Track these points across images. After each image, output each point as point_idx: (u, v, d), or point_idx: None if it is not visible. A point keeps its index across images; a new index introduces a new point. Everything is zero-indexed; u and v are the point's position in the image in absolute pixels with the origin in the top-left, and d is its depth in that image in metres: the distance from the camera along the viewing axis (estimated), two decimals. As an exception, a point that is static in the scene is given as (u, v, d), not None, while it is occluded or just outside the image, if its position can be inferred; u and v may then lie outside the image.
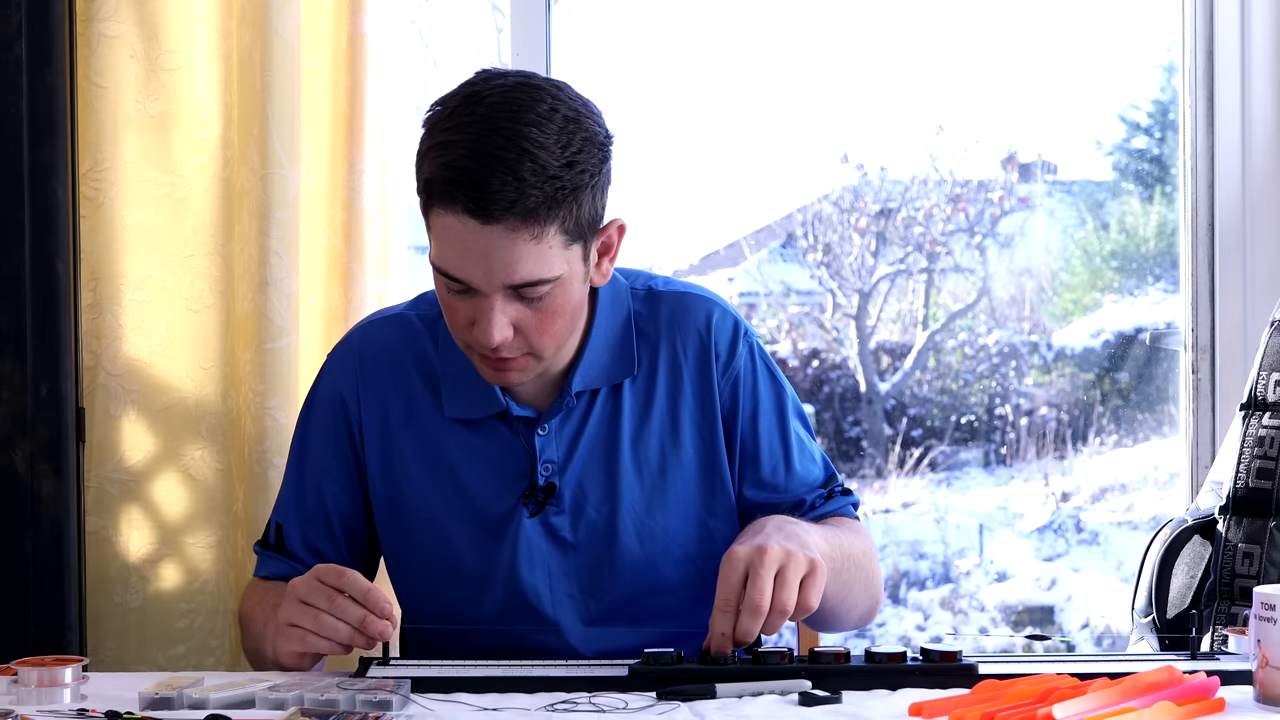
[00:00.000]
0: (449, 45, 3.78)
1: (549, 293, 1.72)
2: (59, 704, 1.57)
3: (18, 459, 2.32)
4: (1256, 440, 2.17)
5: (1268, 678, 1.54)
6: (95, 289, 2.37)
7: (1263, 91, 2.73)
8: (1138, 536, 4.21)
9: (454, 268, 1.70)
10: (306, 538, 1.94)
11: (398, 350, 1.92)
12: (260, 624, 1.82)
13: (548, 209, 1.66)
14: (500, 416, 1.87)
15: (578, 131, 1.69)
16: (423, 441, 1.89)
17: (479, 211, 1.65)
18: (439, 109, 1.72)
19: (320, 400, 1.96)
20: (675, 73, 4.25)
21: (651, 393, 1.89)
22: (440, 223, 1.69)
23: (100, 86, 2.35)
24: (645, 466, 1.89)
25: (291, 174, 2.36)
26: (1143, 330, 4.15)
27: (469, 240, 1.67)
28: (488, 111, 1.66)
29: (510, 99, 1.67)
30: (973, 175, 4.54)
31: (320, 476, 1.94)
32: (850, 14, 4.35)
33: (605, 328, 1.87)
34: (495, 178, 1.64)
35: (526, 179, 1.64)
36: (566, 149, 1.67)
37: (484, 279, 1.69)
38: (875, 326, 4.68)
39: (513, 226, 1.66)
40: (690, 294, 1.94)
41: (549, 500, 1.87)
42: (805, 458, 1.95)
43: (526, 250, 1.67)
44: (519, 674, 1.64)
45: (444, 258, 1.71)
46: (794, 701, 1.58)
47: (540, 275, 1.70)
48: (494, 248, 1.67)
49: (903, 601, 4.46)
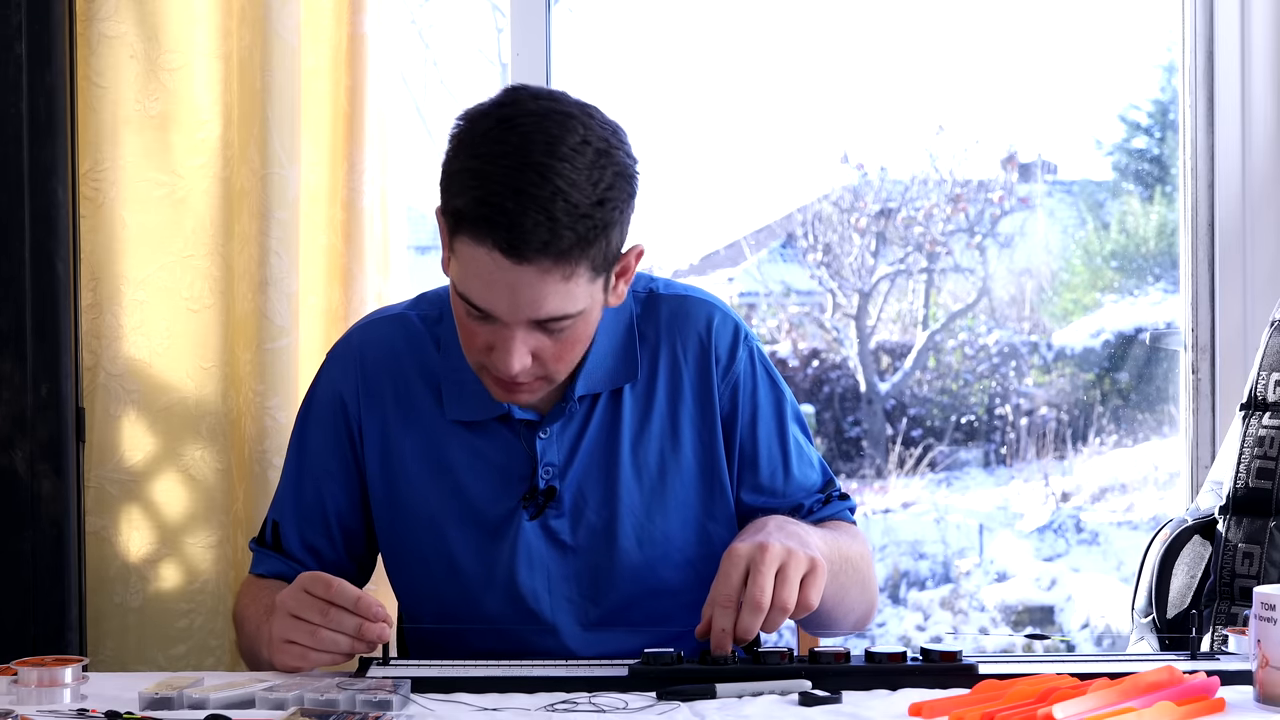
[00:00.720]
0: (449, 45, 3.78)
1: (570, 325, 1.72)
2: (59, 704, 1.57)
3: (18, 459, 2.32)
4: (1256, 440, 2.17)
5: (1268, 678, 1.54)
6: (95, 289, 2.37)
7: (1263, 91, 2.73)
8: (1138, 536, 4.21)
9: (479, 298, 1.68)
10: (304, 536, 1.94)
11: (398, 350, 1.91)
12: (254, 625, 1.82)
13: (580, 250, 1.65)
14: (501, 419, 1.87)
15: (609, 166, 1.67)
16: (422, 442, 1.89)
17: (511, 251, 1.63)
18: (469, 126, 1.69)
19: (319, 399, 1.95)
20: (675, 73, 4.25)
21: (651, 396, 1.89)
22: (469, 252, 1.66)
23: (100, 86, 2.35)
24: (645, 470, 1.89)
25: (291, 174, 2.36)
26: (1143, 330, 4.15)
27: (497, 275, 1.65)
28: (520, 141, 1.63)
29: (543, 128, 1.65)
30: (973, 175, 4.54)
31: (319, 475, 1.94)
32: (850, 14, 4.35)
33: (608, 333, 1.87)
34: (528, 217, 1.62)
35: (559, 219, 1.62)
36: (598, 186, 1.65)
37: (509, 312, 1.68)
38: (875, 326, 4.68)
39: (544, 268, 1.65)
40: (691, 297, 1.94)
41: (549, 503, 1.87)
42: (803, 463, 1.95)
43: (555, 289, 1.66)
44: (519, 674, 1.64)
45: (469, 287, 1.69)
46: (794, 701, 1.58)
47: (566, 311, 1.69)
48: (522, 284, 1.66)
49: (903, 601, 4.46)
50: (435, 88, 3.75)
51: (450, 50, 3.77)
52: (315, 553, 1.93)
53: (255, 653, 1.82)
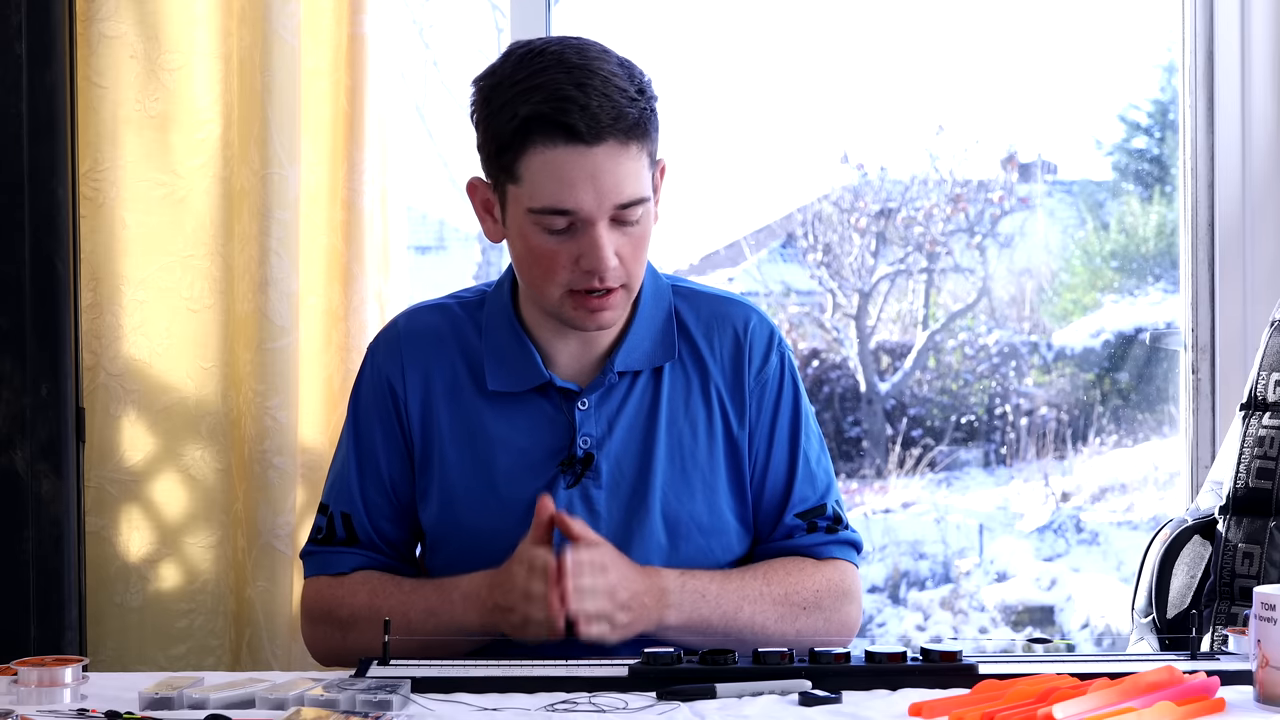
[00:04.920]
0: (449, 45, 3.78)
1: (642, 216, 1.81)
2: (59, 704, 1.57)
3: (18, 459, 2.32)
4: (1256, 440, 2.17)
5: (1268, 678, 1.54)
6: (95, 289, 2.37)
7: (1263, 91, 2.73)
8: (1138, 536, 4.20)
9: (565, 199, 1.77)
10: (377, 525, 1.94)
11: (441, 332, 1.95)
12: (409, 607, 1.85)
13: (641, 128, 1.78)
14: (540, 390, 1.90)
15: (633, 67, 1.82)
16: (462, 417, 1.92)
17: (588, 133, 1.75)
18: (493, 75, 1.81)
19: (368, 387, 1.96)
20: (674, 73, 4.25)
21: (689, 384, 1.93)
22: (540, 160, 1.76)
23: (100, 86, 2.35)
24: (678, 453, 1.91)
25: (291, 174, 2.36)
26: (1143, 330, 4.14)
27: (576, 167, 1.75)
28: (556, 56, 1.77)
29: (568, 46, 1.80)
30: (973, 175, 4.53)
31: (379, 463, 1.94)
32: (850, 14, 4.35)
33: (649, 313, 1.92)
34: (594, 99, 1.74)
35: (619, 100, 1.76)
36: (633, 78, 1.80)
37: (595, 203, 1.77)
38: (875, 326, 4.67)
39: (619, 143, 1.76)
40: (731, 299, 1.99)
41: (586, 471, 1.89)
42: (805, 481, 1.96)
43: (630, 168, 1.78)
44: (519, 674, 1.64)
45: (550, 193, 1.77)
46: (794, 701, 1.58)
47: (641, 194, 1.80)
48: (601, 169, 1.76)
49: (903, 601, 4.46)
50: (435, 88, 3.75)
51: (450, 50, 3.77)
52: (389, 541, 1.95)
53: (404, 630, 1.82)
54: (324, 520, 1.96)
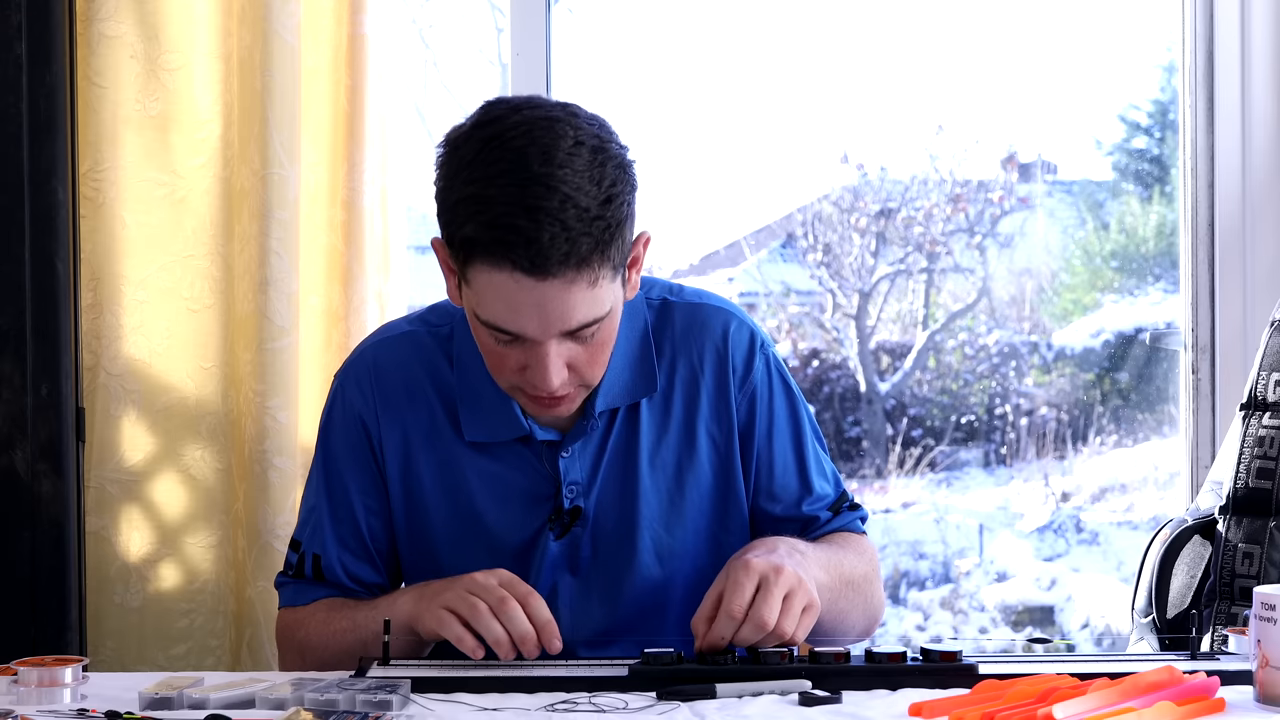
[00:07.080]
0: (449, 45, 3.78)
1: (599, 328, 1.69)
2: (59, 704, 1.57)
3: (18, 459, 2.32)
4: (1256, 440, 2.17)
5: (1268, 678, 1.54)
6: (95, 289, 2.37)
7: (1263, 91, 2.73)
8: (1138, 536, 4.20)
9: (507, 322, 1.65)
10: (346, 566, 1.88)
11: (414, 371, 1.86)
12: (347, 628, 1.80)
13: (599, 253, 1.63)
14: (522, 440, 1.83)
15: (607, 161, 1.64)
16: (441, 465, 1.85)
17: (534, 269, 1.60)
18: (455, 152, 1.66)
19: (339, 423, 1.89)
20: (675, 73, 4.25)
21: (669, 408, 1.87)
22: (486, 279, 1.63)
23: (100, 86, 2.35)
24: (663, 483, 1.87)
25: (291, 174, 2.36)
26: (1143, 330, 4.14)
27: (522, 295, 1.62)
28: (515, 156, 1.60)
29: (534, 138, 1.61)
30: (973, 175, 4.53)
31: (352, 502, 1.88)
32: (850, 14, 4.35)
33: (625, 344, 1.83)
34: (544, 231, 1.59)
35: (574, 227, 1.60)
36: (602, 184, 1.62)
37: (540, 330, 1.65)
38: (875, 326, 4.67)
39: (569, 278, 1.62)
40: (706, 305, 1.91)
41: (575, 523, 1.85)
42: (818, 474, 1.94)
43: (582, 297, 1.64)
44: (519, 674, 1.64)
45: (493, 313, 1.65)
46: (794, 701, 1.58)
47: (595, 316, 1.67)
48: (549, 300, 1.63)
49: (903, 601, 4.46)
50: (435, 88, 3.74)
51: (450, 50, 3.77)
52: (358, 580, 1.89)
53: (345, 649, 1.78)
54: (295, 558, 1.91)
